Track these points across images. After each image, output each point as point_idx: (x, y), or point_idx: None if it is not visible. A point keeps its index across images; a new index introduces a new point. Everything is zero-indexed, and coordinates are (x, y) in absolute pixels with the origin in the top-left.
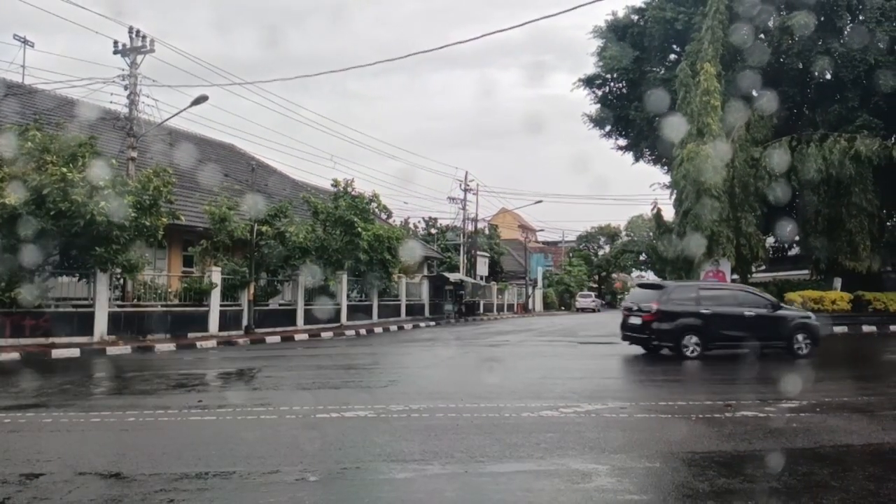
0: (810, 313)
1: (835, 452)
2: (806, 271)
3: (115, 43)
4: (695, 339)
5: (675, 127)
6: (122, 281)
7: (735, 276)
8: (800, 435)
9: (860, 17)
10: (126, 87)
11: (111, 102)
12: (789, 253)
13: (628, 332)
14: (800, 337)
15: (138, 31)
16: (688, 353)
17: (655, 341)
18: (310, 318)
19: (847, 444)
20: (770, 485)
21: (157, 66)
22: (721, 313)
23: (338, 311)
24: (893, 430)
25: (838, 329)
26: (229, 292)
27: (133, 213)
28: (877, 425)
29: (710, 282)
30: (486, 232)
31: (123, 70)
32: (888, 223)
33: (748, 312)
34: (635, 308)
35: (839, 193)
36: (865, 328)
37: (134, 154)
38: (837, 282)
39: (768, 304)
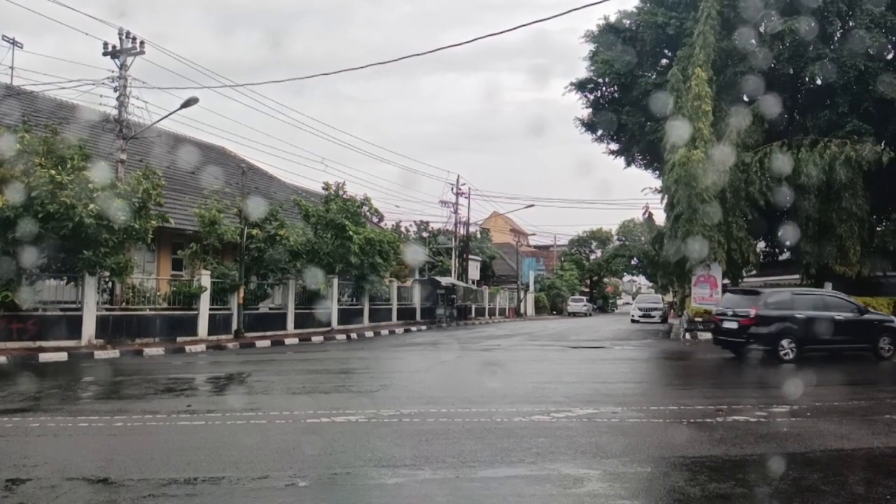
0: (893, 317)
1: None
2: (797, 276)
3: (105, 44)
4: (791, 342)
5: (666, 131)
6: (110, 284)
7: (726, 281)
8: (790, 440)
9: (851, 24)
10: (116, 89)
11: (101, 105)
12: (780, 257)
13: (721, 336)
14: (885, 339)
15: (128, 33)
16: (783, 356)
17: (753, 345)
18: (300, 322)
19: None
20: (761, 489)
21: (147, 67)
22: (814, 317)
23: (329, 315)
24: None
25: None
26: (219, 296)
27: (122, 215)
28: None
29: (801, 287)
30: (478, 236)
31: (113, 72)
32: (878, 228)
33: (838, 316)
34: (730, 313)
35: (830, 198)
36: None
37: (123, 156)
38: (828, 286)
39: (855, 308)
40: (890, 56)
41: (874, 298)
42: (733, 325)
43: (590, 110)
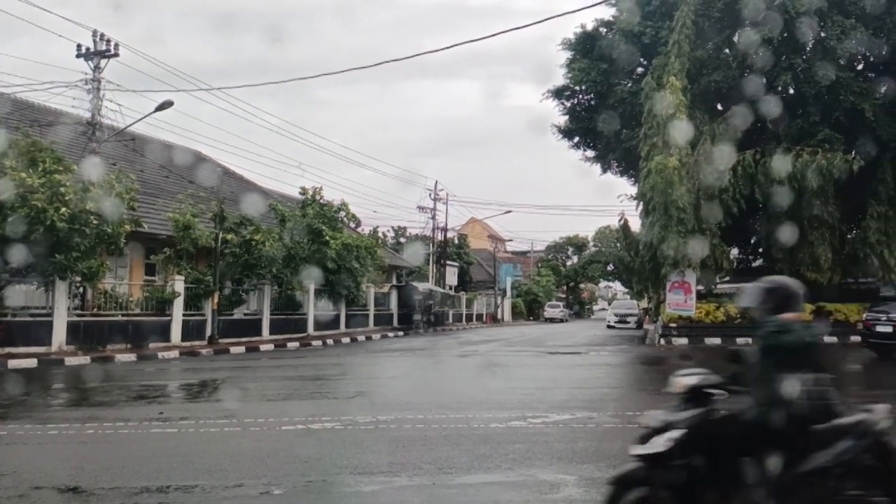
0: None
1: None
2: None
3: (79, 46)
4: None
5: (641, 139)
6: (81, 289)
7: (700, 287)
8: None
9: (822, 34)
10: (89, 92)
11: (73, 107)
12: (753, 264)
13: (874, 340)
14: None
15: (102, 35)
16: None
17: None
18: (276, 328)
19: None
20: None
21: (121, 70)
22: None
23: (304, 321)
24: None
25: None
26: (193, 301)
27: (94, 219)
28: None
29: None
30: (456, 241)
31: (87, 74)
32: (849, 236)
33: None
34: (884, 318)
35: (801, 206)
36: (826, 338)
37: (96, 160)
38: None
39: None
40: (860, 66)
41: (845, 305)
42: (888, 329)
43: (566, 117)
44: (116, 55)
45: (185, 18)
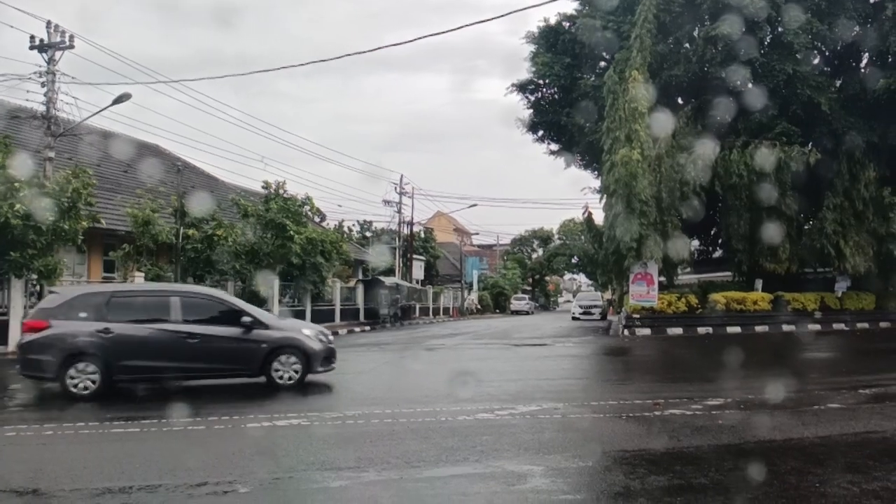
0: None
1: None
2: (729, 273)
3: (32, 38)
4: None
5: (604, 133)
6: (38, 287)
7: (662, 279)
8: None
9: (780, 29)
10: (43, 85)
11: (27, 100)
12: (714, 255)
13: None
14: None
15: (56, 26)
16: None
17: None
18: None
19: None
20: (698, 481)
21: (77, 62)
22: None
23: None
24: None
25: (760, 328)
26: None
27: (50, 215)
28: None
29: None
30: (422, 235)
31: (41, 66)
32: (805, 227)
33: None
34: None
35: (760, 197)
36: (785, 327)
37: (52, 154)
38: (759, 283)
39: None
40: (816, 60)
41: (802, 294)
42: None
43: (531, 111)
44: (72, 47)
45: (143, 11)
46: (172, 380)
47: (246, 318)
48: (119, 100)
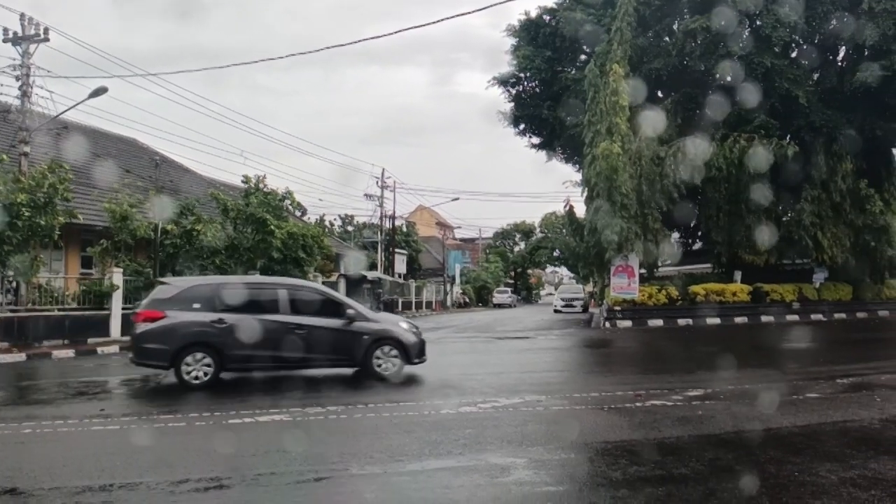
0: None
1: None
2: (709, 265)
3: (6, 31)
4: None
5: (585, 127)
6: (14, 284)
7: (643, 271)
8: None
9: (758, 23)
10: (18, 78)
11: (1, 94)
12: (693, 247)
13: None
14: None
15: (31, 19)
16: None
17: None
18: None
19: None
20: (679, 471)
21: (52, 56)
22: None
23: None
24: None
25: (739, 320)
26: (133, 295)
27: (26, 211)
28: None
29: None
30: (404, 229)
31: (15, 60)
32: (784, 219)
33: None
34: None
35: (739, 190)
36: (763, 318)
37: (27, 149)
38: (738, 275)
39: None
40: (794, 54)
41: (781, 285)
42: None
43: (512, 105)
44: (46, 40)
45: (117, 5)
46: (276, 370)
47: (350, 311)
48: (96, 93)
